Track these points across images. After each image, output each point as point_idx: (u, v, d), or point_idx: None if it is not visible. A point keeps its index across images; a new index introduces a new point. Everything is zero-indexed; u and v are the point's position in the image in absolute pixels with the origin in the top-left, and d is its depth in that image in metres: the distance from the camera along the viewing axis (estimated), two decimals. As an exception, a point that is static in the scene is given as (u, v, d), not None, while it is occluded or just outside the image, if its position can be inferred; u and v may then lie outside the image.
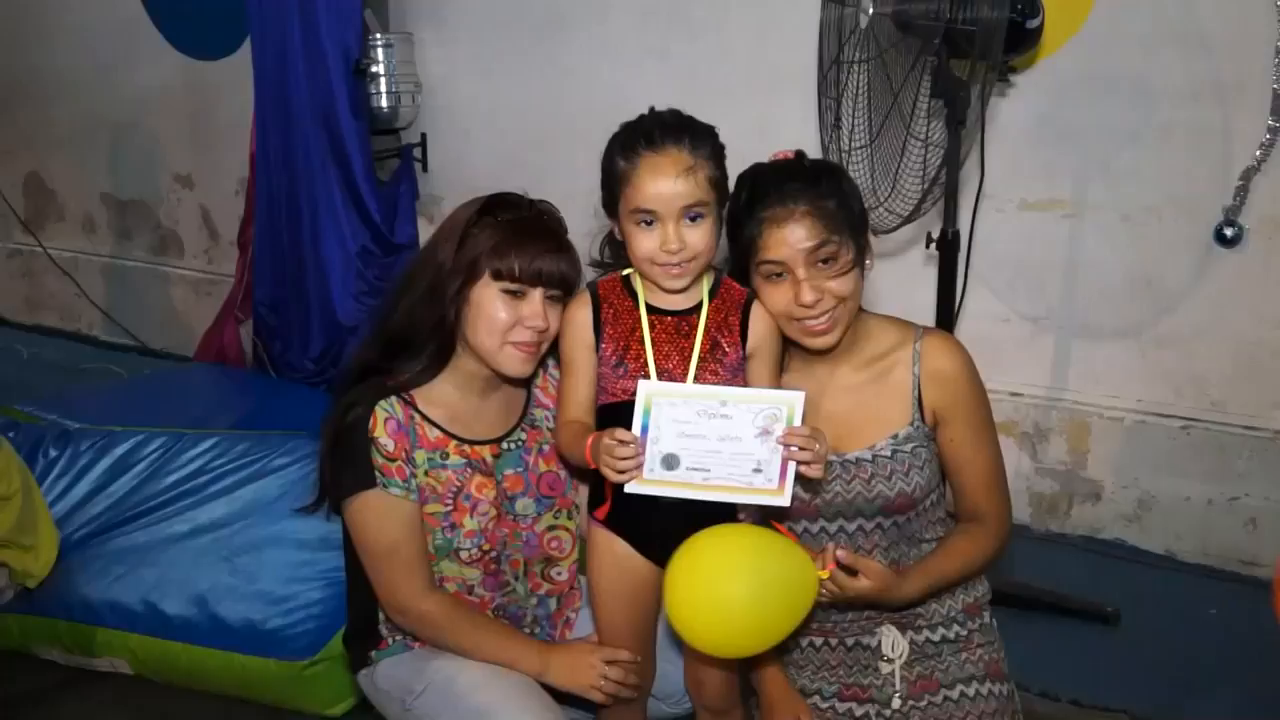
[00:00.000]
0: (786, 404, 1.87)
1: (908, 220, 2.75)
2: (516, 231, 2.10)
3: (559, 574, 2.32)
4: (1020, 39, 2.81)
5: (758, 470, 1.89)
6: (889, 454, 2.07)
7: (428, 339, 2.14)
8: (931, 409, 2.09)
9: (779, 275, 1.99)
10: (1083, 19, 3.35)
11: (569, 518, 2.32)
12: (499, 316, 2.09)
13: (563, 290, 2.11)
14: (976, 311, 3.51)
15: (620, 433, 1.87)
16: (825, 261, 1.96)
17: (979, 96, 2.67)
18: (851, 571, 1.93)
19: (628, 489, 1.91)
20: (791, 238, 1.95)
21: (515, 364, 2.12)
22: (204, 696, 2.82)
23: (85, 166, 6.04)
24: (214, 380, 4.61)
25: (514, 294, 2.09)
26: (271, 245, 4.65)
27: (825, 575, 1.92)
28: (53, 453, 3.18)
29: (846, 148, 2.84)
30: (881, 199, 2.76)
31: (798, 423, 1.87)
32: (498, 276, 2.08)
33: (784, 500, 1.92)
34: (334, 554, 2.59)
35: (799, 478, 1.93)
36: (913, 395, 2.09)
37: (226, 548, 2.89)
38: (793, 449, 1.87)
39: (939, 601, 2.17)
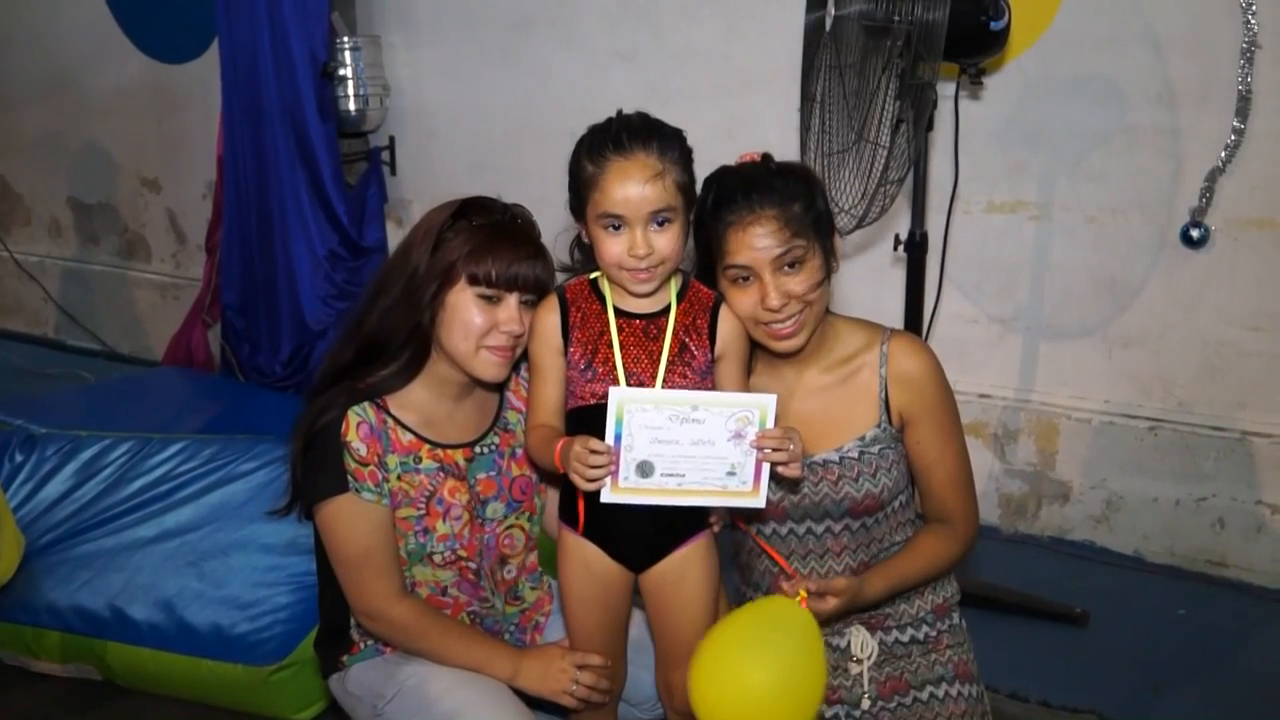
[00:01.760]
0: (759, 407, 1.87)
1: (861, 224, 2.75)
2: (492, 236, 2.10)
3: (509, 572, 2.31)
4: (986, 41, 2.82)
5: (732, 473, 1.89)
6: (856, 455, 2.08)
7: (403, 344, 2.12)
8: (898, 411, 2.09)
9: (745, 279, 1.98)
10: (1049, 21, 3.37)
11: (529, 520, 2.31)
12: (474, 321, 2.08)
13: (538, 295, 2.10)
14: (945, 313, 3.52)
15: (594, 442, 1.86)
16: (791, 266, 1.96)
17: (942, 98, 2.67)
18: (818, 594, 1.94)
19: (604, 498, 1.90)
20: (757, 242, 1.94)
21: (490, 369, 2.12)
22: (173, 702, 2.80)
23: (51, 170, 6.00)
24: (181, 384, 4.59)
25: (490, 299, 2.08)
26: (239, 248, 4.64)
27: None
28: (18, 457, 3.16)
29: (829, 150, 2.84)
30: (844, 206, 2.76)
31: (770, 426, 1.87)
32: (474, 281, 2.07)
33: (759, 502, 1.92)
34: (302, 558, 2.59)
35: (778, 478, 1.94)
36: (879, 397, 2.09)
37: (194, 552, 2.88)
38: (766, 451, 1.87)
39: (908, 602, 2.18)
